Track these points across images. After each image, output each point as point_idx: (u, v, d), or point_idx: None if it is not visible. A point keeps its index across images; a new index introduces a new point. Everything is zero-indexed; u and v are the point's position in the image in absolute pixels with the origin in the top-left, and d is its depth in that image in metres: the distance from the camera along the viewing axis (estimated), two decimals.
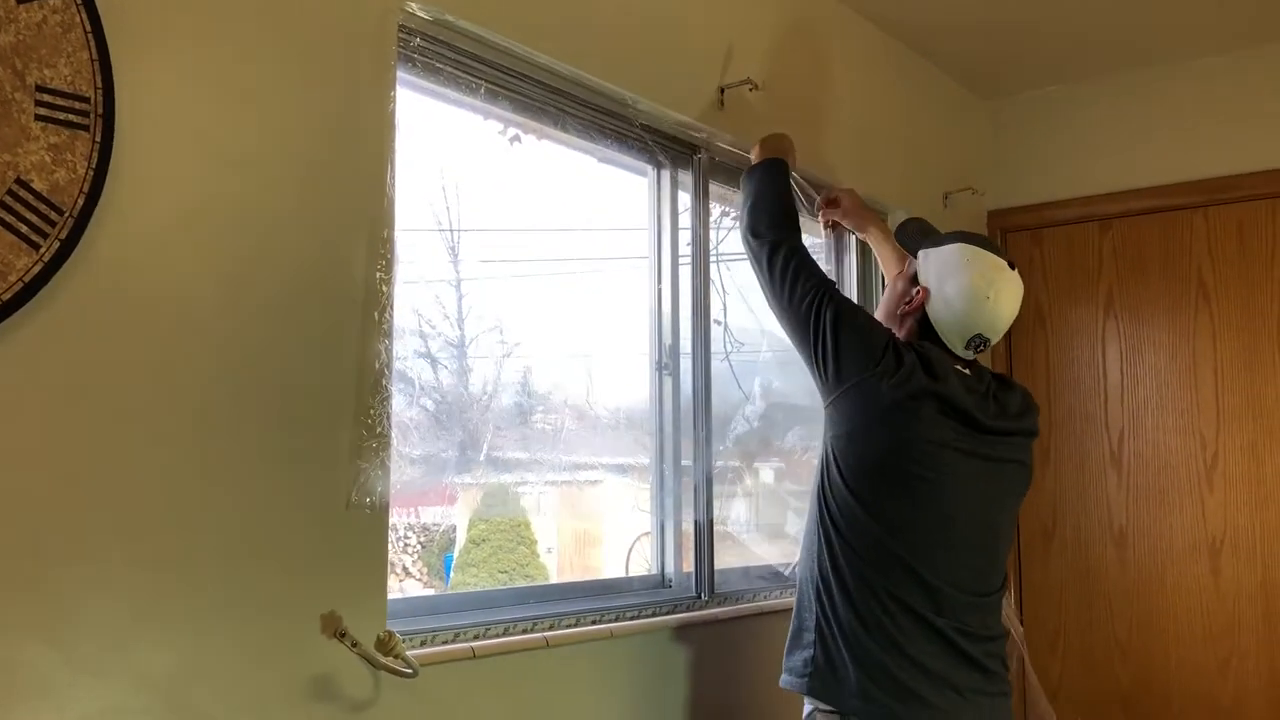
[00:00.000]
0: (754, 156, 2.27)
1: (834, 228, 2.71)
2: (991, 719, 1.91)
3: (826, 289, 1.99)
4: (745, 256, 2.15)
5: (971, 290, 1.95)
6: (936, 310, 1.98)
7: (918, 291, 2.01)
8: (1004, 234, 3.58)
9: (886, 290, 2.17)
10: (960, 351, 2.00)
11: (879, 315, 2.12)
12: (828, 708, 1.89)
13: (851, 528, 1.90)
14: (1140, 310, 3.34)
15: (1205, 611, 3.17)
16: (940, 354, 1.96)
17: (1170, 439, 3.26)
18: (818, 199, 2.63)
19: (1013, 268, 2.02)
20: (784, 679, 1.98)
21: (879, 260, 2.55)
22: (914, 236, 2.12)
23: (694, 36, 2.42)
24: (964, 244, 2.01)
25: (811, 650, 1.91)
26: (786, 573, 2.65)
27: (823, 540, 1.93)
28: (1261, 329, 3.15)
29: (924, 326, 2.01)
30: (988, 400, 1.97)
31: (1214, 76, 3.26)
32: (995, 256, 2.00)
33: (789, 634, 2.00)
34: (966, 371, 2.00)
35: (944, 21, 3.04)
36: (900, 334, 2.03)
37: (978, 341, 1.99)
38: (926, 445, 1.88)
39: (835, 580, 1.90)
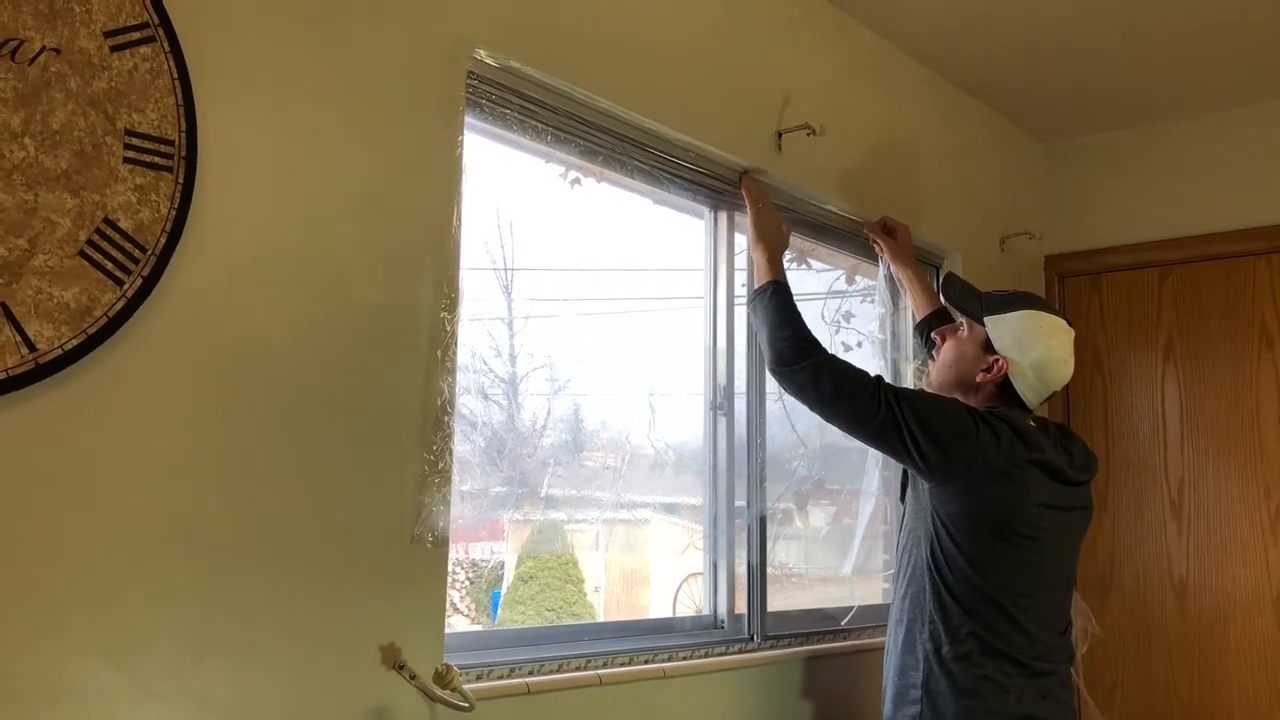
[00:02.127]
0: (751, 250, 2.28)
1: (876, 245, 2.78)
2: None
3: (881, 385, 2.05)
4: (785, 391, 2.16)
5: (1053, 358, 2.12)
6: (1022, 379, 2.12)
7: (998, 360, 2.12)
8: (1061, 279, 3.56)
9: (950, 352, 2.21)
10: (1034, 407, 2.16)
11: (944, 376, 2.21)
12: None
13: (966, 591, 2.02)
14: (1201, 357, 3.30)
15: (1270, 666, 3.09)
16: (1021, 417, 2.10)
17: (1233, 488, 3.20)
18: (865, 225, 2.72)
19: (1070, 326, 2.18)
20: None
21: (910, 297, 2.71)
22: (967, 297, 2.22)
23: (752, 82, 2.45)
24: (1034, 310, 2.15)
25: (919, 706, 2.03)
26: (844, 621, 2.63)
27: (935, 605, 2.04)
28: None
29: (1005, 392, 2.13)
30: (1063, 453, 2.12)
31: (1275, 122, 3.22)
32: (1058, 319, 2.16)
33: (890, 695, 2.10)
34: (1034, 425, 2.12)
35: (1001, 65, 3.06)
36: (976, 399, 2.15)
37: (1049, 397, 2.17)
38: (1034, 508, 2.03)
39: (948, 639, 2.02)
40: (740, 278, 2.50)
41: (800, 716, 2.42)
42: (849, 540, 2.79)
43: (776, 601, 2.51)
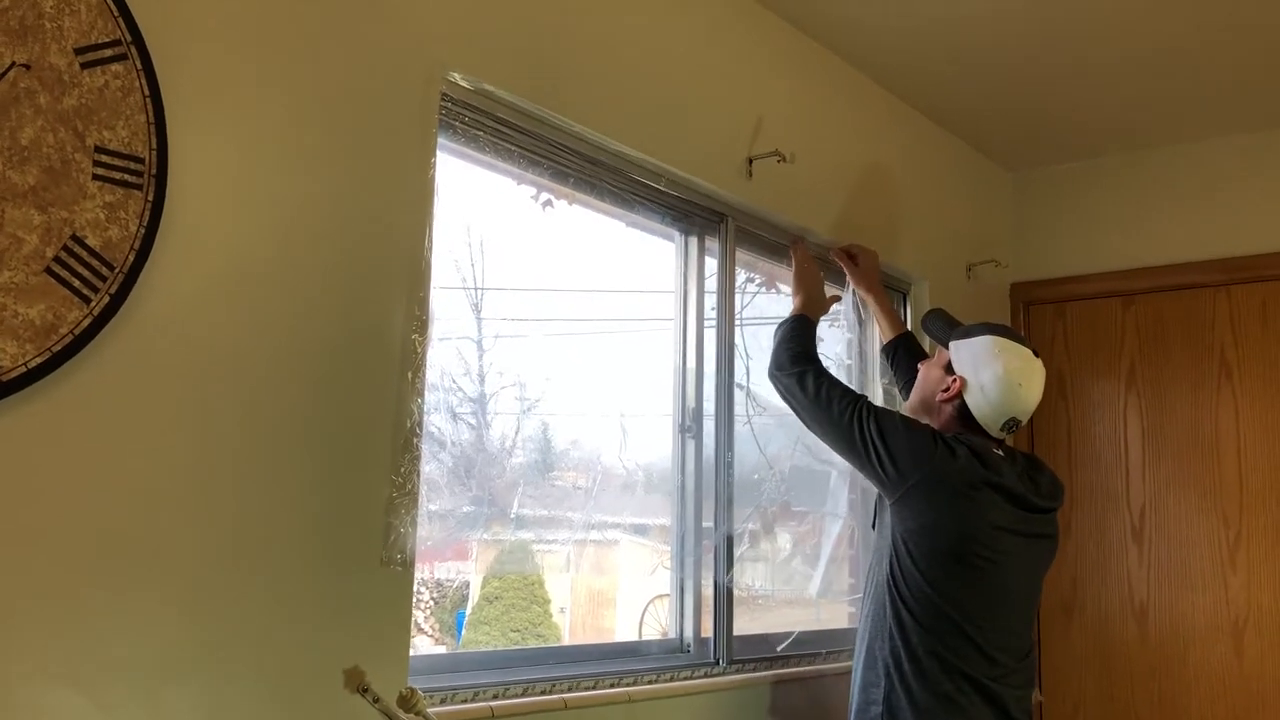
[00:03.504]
0: (792, 292, 2.49)
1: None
2: None
3: (861, 400, 2.17)
4: (775, 389, 2.32)
5: (1006, 379, 2.13)
6: (974, 397, 2.15)
7: (954, 380, 2.17)
8: (1027, 307, 3.60)
9: (920, 376, 2.33)
10: (996, 434, 2.18)
11: (913, 399, 2.32)
12: None
13: (924, 609, 2.06)
14: (1163, 386, 3.35)
15: (1228, 692, 3.13)
16: (984, 443, 2.14)
17: (1193, 516, 3.25)
18: (831, 251, 2.76)
19: (1037, 356, 2.20)
20: None
21: (878, 324, 2.77)
22: (941, 327, 2.32)
23: (724, 109, 2.47)
24: (994, 335, 2.19)
25: None
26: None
27: (894, 622, 2.09)
28: None
29: (962, 412, 2.17)
30: (1028, 481, 2.16)
31: (1239, 155, 3.29)
32: (1022, 346, 2.18)
33: (853, 710, 2.15)
34: (1001, 454, 2.16)
35: (970, 95, 3.10)
36: (938, 421, 2.21)
37: (1011, 424, 2.17)
38: (990, 530, 2.07)
39: (907, 656, 2.06)
40: (710, 300, 2.51)
41: None
42: (815, 563, 2.80)
43: (743, 624, 2.51)
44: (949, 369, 2.20)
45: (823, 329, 2.89)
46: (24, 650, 1.31)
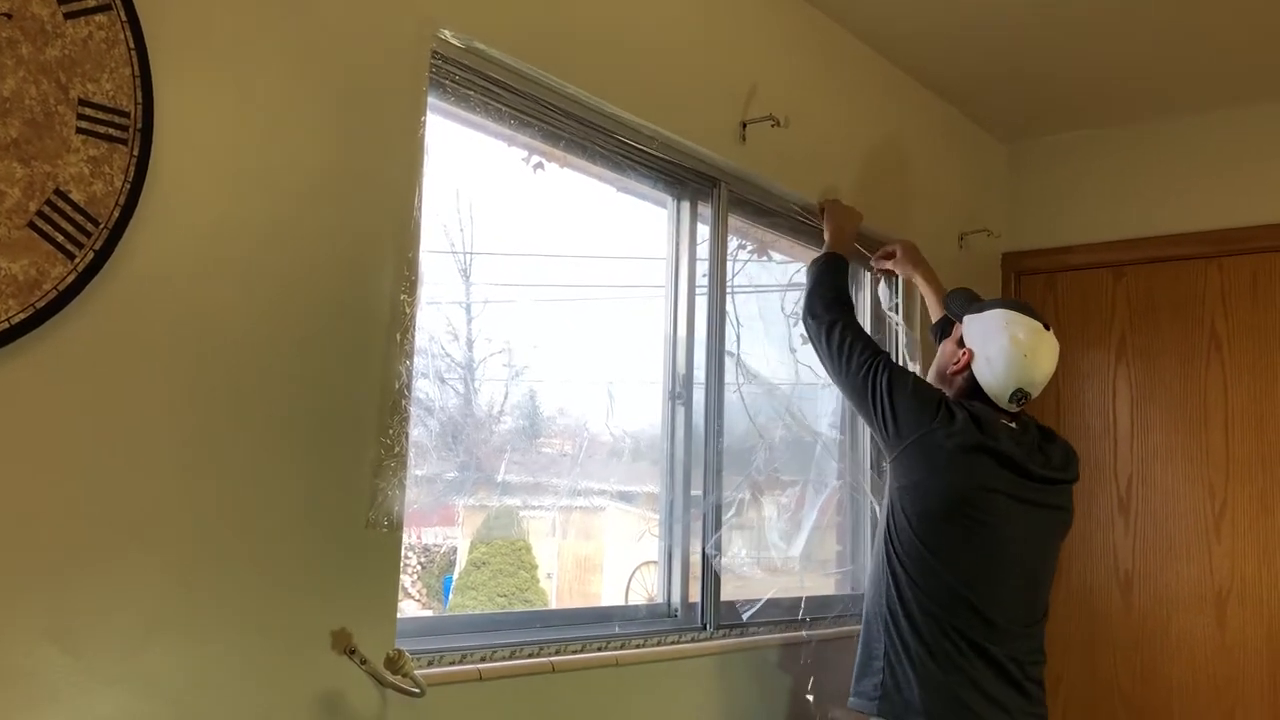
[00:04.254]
0: (824, 226, 2.57)
1: (886, 275, 2.91)
2: None
3: (880, 357, 2.24)
4: (807, 336, 2.41)
5: (1012, 350, 2.17)
6: (980, 369, 2.20)
7: (964, 353, 2.23)
8: (1018, 277, 3.60)
9: (938, 352, 2.39)
10: (1005, 405, 2.21)
11: (930, 375, 2.36)
12: None
13: (918, 567, 2.12)
14: (1152, 358, 3.35)
15: (1210, 662, 3.16)
16: (988, 411, 2.18)
17: (1179, 487, 3.26)
18: (872, 258, 2.83)
19: (1048, 329, 2.23)
20: (853, 701, 2.21)
21: (926, 303, 2.78)
22: (960, 304, 2.36)
23: (719, 72, 2.45)
24: (1004, 309, 2.24)
25: (880, 676, 2.14)
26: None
27: (890, 579, 2.16)
28: (1273, 380, 3.16)
29: (971, 385, 2.22)
30: (1035, 451, 2.19)
31: (1232, 128, 3.28)
32: (1032, 319, 2.22)
33: (856, 663, 2.22)
34: (1013, 425, 2.21)
35: (966, 65, 3.08)
36: (951, 393, 2.25)
37: (1019, 395, 2.19)
38: (982, 492, 2.11)
39: (903, 614, 2.13)
40: (701, 268, 2.50)
41: (752, 705, 2.43)
42: (799, 531, 2.80)
43: (731, 590, 2.51)
44: (960, 342, 2.26)
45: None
46: (6, 609, 1.30)
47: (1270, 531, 3.11)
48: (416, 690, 1.66)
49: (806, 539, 2.76)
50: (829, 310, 2.32)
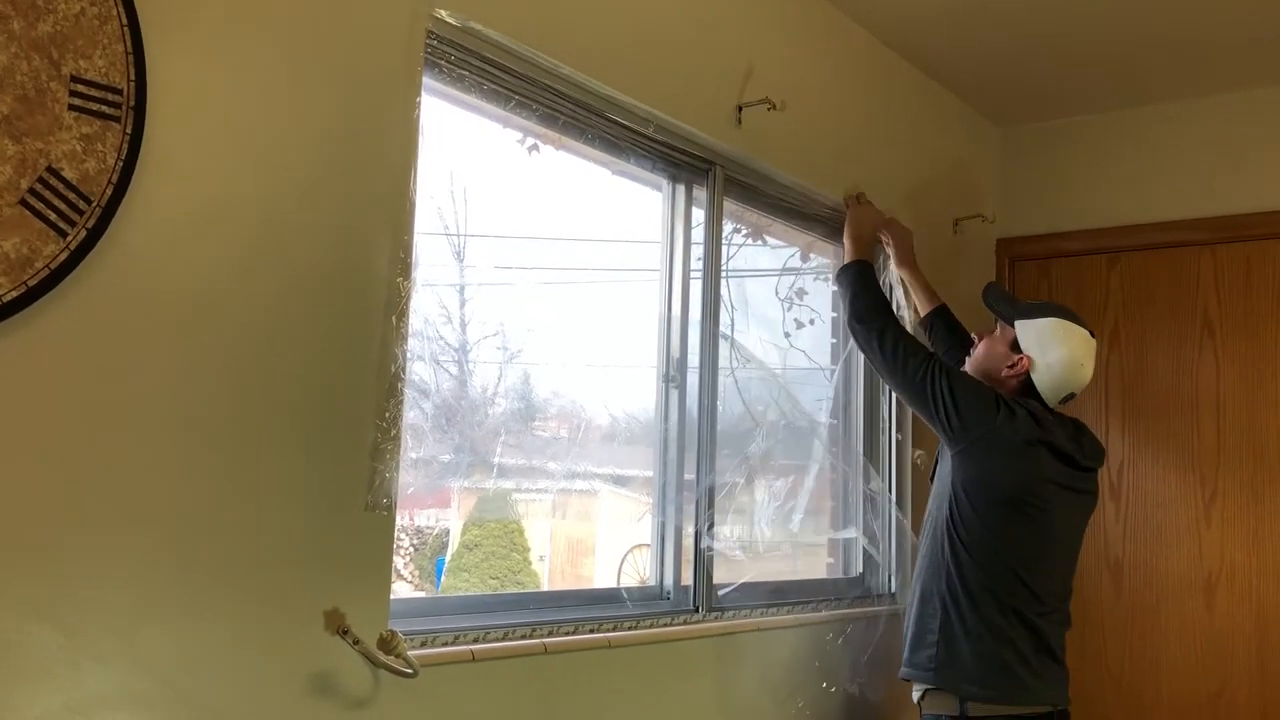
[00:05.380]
0: (846, 234, 2.68)
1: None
2: (1062, 697, 2.39)
3: (935, 360, 2.41)
4: (854, 340, 2.58)
5: (1070, 360, 2.39)
6: (1039, 375, 2.40)
7: (1021, 359, 2.41)
8: (1012, 262, 3.60)
9: (982, 349, 2.52)
10: (1054, 405, 2.42)
11: (973, 369, 2.51)
12: (946, 690, 2.33)
13: (981, 550, 2.33)
14: (1145, 344, 3.36)
15: (1199, 646, 3.18)
16: (1040, 408, 2.38)
17: (1169, 473, 3.28)
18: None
19: (1093, 336, 2.45)
20: (906, 671, 2.42)
21: (915, 298, 2.89)
22: (1004, 304, 2.52)
23: (714, 55, 2.44)
24: (1059, 319, 2.43)
25: (934, 649, 2.35)
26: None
27: (952, 561, 2.36)
28: (1265, 368, 3.17)
29: (1026, 386, 2.42)
30: (1075, 443, 2.39)
31: (1227, 114, 3.28)
32: (1083, 329, 2.43)
33: (909, 637, 2.42)
34: (1053, 418, 2.38)
35: (962, 49, 3.07)
36: (1001, 391, 2.41)
37: (1069, 398, 2.43)
38: (1044, 483, 2.33)
39: (964, 592, 2.33)
40: (696, 251, 2.49)
41: (744, 688, 2.44)
42: (792, 515, 2.81)
43: (722, 574, 2.52)
44: (1014, 347, 2.42)
45: (809, 284, 2.90)
46: (1, 588, 1.29)
47: (1259, 518, 3.13)
48: (409, 671, 1.67)
49: (799, 523, 2.77)
50: (875, 316, 2.48)
